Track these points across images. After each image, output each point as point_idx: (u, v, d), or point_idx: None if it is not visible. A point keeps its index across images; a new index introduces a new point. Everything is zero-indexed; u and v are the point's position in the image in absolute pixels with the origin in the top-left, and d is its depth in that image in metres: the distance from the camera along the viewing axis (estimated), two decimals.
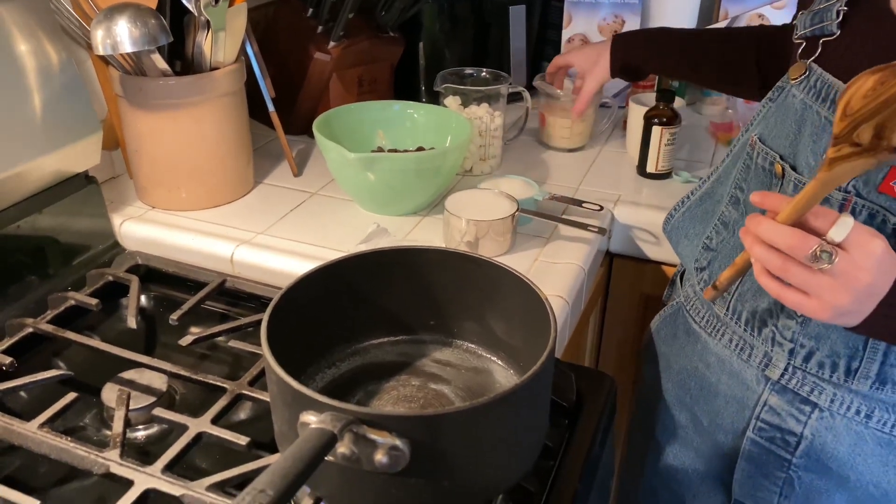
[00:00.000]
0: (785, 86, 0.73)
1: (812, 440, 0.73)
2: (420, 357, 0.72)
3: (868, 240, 0.56)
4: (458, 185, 1.08)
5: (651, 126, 1.09)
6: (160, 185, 0.99)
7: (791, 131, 0.71)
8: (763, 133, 0.75)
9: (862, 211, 0.65)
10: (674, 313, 0.87)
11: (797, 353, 0.72)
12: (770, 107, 0.75)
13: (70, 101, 0.88)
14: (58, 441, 0.64)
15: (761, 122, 0.76)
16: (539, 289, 0.64)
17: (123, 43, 0.84)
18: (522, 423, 0.57)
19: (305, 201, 1.04)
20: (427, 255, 0.71)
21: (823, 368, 0.70)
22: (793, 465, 0.75)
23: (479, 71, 1.15)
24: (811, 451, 0.74)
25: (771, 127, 0.74)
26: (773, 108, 0.74)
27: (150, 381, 0.73)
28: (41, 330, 0.78)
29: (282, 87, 1.15)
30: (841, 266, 0.55)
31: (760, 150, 0.74)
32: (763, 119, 0.75)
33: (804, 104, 0.69)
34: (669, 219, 0.88)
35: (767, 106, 0.75)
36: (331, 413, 0.50)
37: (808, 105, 0.69)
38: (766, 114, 0.75)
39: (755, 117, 0.77)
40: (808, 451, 0.74)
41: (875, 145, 0.53)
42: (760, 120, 0.76)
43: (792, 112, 0.71)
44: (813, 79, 0.69)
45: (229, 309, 0.88)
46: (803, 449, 0.74)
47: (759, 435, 0.77)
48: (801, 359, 0.71)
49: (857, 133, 0.53)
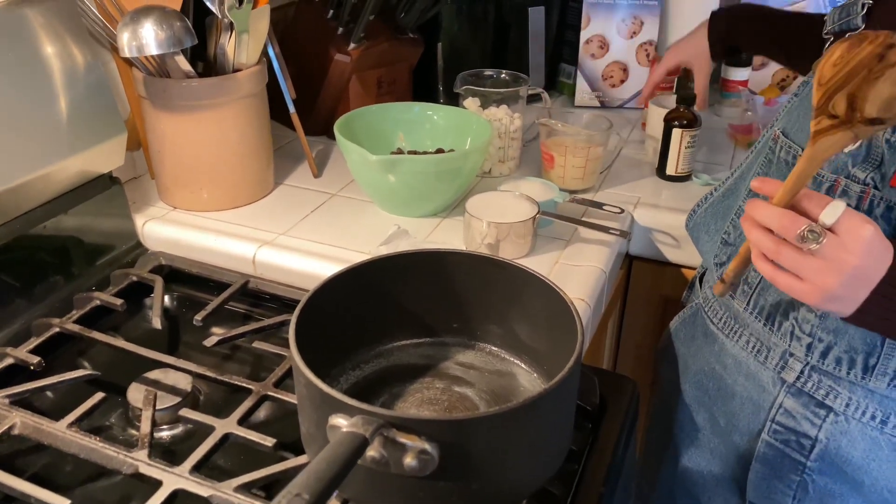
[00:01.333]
0: (810, 80, 0.72)
1: (827, 444, 0.73)
2: (443, 359, 0.73)
3: (858, 224, 0.57)
4: (477, 187, 1.08)
5: (671, 129, 1.08)
6: (182, 185, 0.99)
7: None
8: (786, 127, 0.75)
9: (880, 204, 0.65)
10: (692, 315, 0.87)
11: (815, 347, 0.71)
12: (794, 101, 0.75)
13: (95, 103, 0.88)
14: (87, 441, 0.65)
15: (785, 116, 0.76)
16: (564, 293, 0.65)
17: (149, 45, 0.84)
18: (549, 427, 0.57)
19: (326, 202, 1.04)
20: (451, 258, 0.71)
21: (840, 365, 0.70)
22: (807, 469, 0.75)
23: (498, 73, 1.15)
24: (826, 454, 0.74)
25: (794, 121, 0.74)
26: (798, 103, 0.74)
27: (174, 381, 0.74)
28: (67, 330, 0.79)
29: (301, 88, 1.15)
30: (829, 247, 0.56)
31: (783, 144, 0.74)
32: (787, 114, 0.76)
33: None
34: (692, 215, 0.89)
35: (792, 101, 0.76)
36: (361, 417, 0.50)
37: None
38: (791, 108, 0.76)
39: (780, 113, 0.78)
40: (822, 454, 0.74)
41: (850, 117, 0.54)
42: (785, 114, 0.76)
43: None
44: None
45: (252, 310, 0.89)
46: (818, 452, 0.74)
47: (773, 437, 0.76)
48: (818, 354, 0.71)
49: (832, 104, 0.54)
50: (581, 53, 1.37)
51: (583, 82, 1.39)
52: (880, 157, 0.65)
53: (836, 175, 0.68)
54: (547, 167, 1.08)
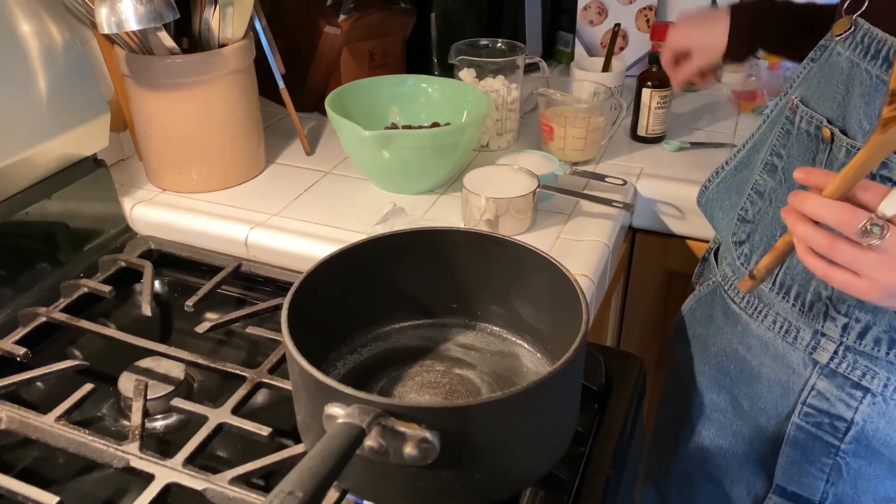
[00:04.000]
0: (829, 44, 0.68)
1: (863, 426, 0.70)
2: (443, 341, 0.70)
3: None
4: (474, 161, 1.05)
5: (642, 88, 1.06)
6: (170, 166, 0.96)
7: (838, 92, 0.66)
8: (805, 95, 0.70)
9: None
10: (710, 293, 0.83)
11: (851, 328, 0.67)
12: (812, 67, 0.70)
13: (76, 83, 0.85)
14: (76, 434, 0.62)
15: (802, 83, 0.71)
16: (567, 270, 0.62)
17: (129, 21, 0.81)
18: (555, 410, 0.55)
19: (319, 181, 1.01)
20: (450, 236, 0.68)
21: (880, 345, 0.66)
22: (841, 451, 0.72)
23: (494, 42, 1.11)
24: (861, 436, 0.70)
25: (814, 89, 0.69)
26: (816, 69, 0.69)
27: (167, 369, 0.72)
28: (55, 319, 0.77)
29: (291, 62, 1.11)
30: (892, 242, 0.52)
31: (804, 114, 0.69)
32: (805, 80, 0.71)
33: (851, 62, 0.65)
34: (703, 191, 0.84)
35: (809, 66, 0.70)
36: (358, 406, 0.48)
37: (856, 63, 0.64)
38: (808, 74, 0.70)
39: (795, 78, 0.73)
40: (858, 436, 0.71)
41: None
42: (801, 81, 0.71)
43: (838, 71, 0.66)
44: (860, 34, 0.64)
45: (245, 293, 0.86)
46: (853, 435, 0.71)
47: (805, 420, 0.73)
48: (855, 335, 0.67)
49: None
50: (579, 20, 1.33)
51: (581, 50, 1.35)
52: None
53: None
54: (546, 139, 1.04)
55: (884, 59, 0.62)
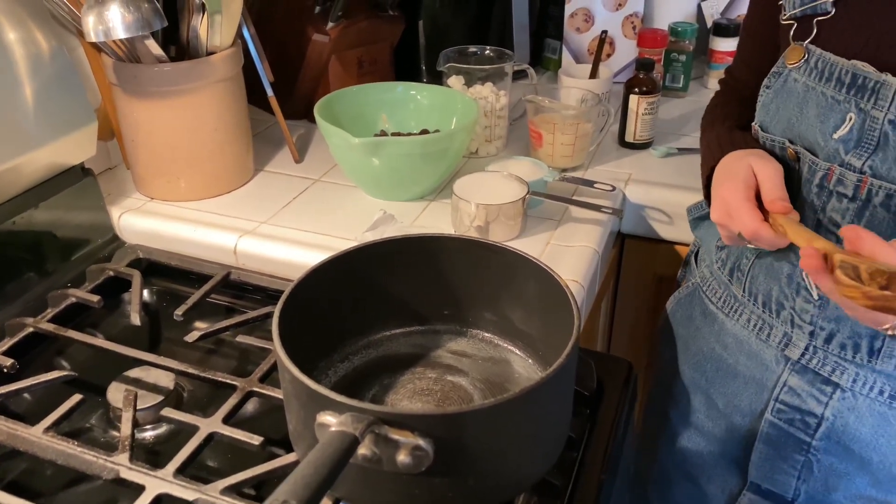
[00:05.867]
0: (782, 71, 0.70)
1: (833, 421, 0.72)
2: (435, 348, 0.70)
3: None
4: (464, 168, 1.06)
5: (629, 94, 1.06)
6: (158, 175, 0.96)
7: (793, 114, 0.69)
8: (764, 121, 0.72)
9: (878, 192, 0.63)
10: (689, 294, 0.85)
11: (817, 335, 0.70)
12: (768, 94, 0.72)
13: (63, 91, 0.84)
14: (64, 446, 0.62)
15: (760, 110, 0.73)
16: (558, 275, 0.62)
17: (116, 29, 0.80)
18: (548, 416, 0.55)
19: (308, 188, 1.01)
20: (440, 242, 0.68)
21: (846, 350, 0.69)
22: (812, 448, 0.74)
23: (482, 49, 1.12)
24: (832, 432, 0.72)
25: (772, 115, 0.71)
26: (772, 95, 0.71)
27: (156, 379, 0.71)
28: (42, 329, 0.76)
29: (280, 69, 1.11)
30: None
31: (765, 139, 0.72)
32: (762, 107, 0.73)
33: (806, 87, 0.67)
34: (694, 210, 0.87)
35: (765, 93, 0.72)
36: (350, 414, 0.48)
37: (811, 87, 0.67)
38: (765, 101, 0.72)
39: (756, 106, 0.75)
40: (828, 432, 0.72)
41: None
42: (760, 108, 0.73)
43: (794, 96, 0.69)
44: (813, 60, 0.66)
45: (235, 302, 0.86)
46: (824, 431, 0.72)
47: (777, 417, 0.75)
48: (821, 340, 0.70)
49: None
50: (566, 27, 1.34)
51: (568, 57, 1.35)
52: (876, 140, 0.62)
53: (830, 163, 0.65)
54: (535, 145, 1.05)
55: (837, 80, 0.64)
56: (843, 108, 0.64)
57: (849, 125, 0.63)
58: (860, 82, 0.63)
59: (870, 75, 0.62)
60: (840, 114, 0.64)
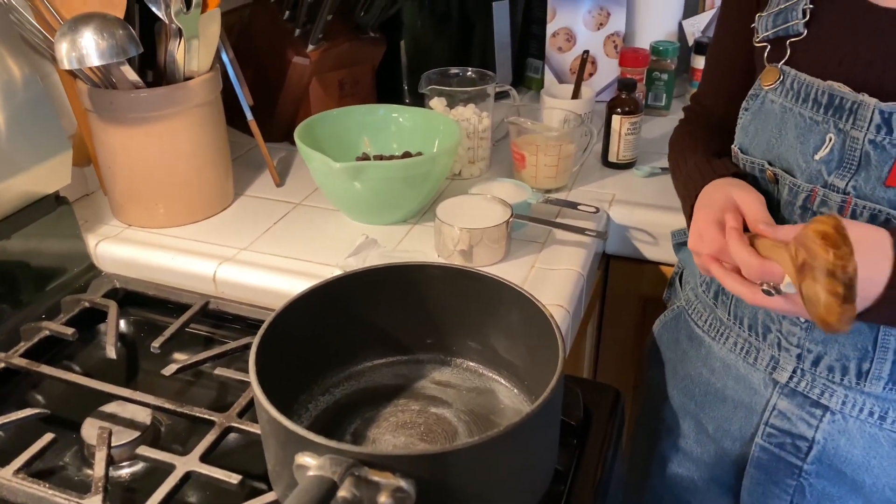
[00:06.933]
0: (759, 93, 0.70)
1: (824, 444, 0.71)
2: (419, 378, 0.69)
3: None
4: (447, 190, 1.05)
5: (612, 115, 1.06)
6: (136, 201, 0.94)
7: (772, 136, 0.69)
8: (743, 143, 0.72)
9: (863, 213, 0.62)
10: (675, 317, 0.85)
11: (805, 357, 0.70)
12: (746, 116, 0.72)
13: (36, 119, 0.83)
14: (35, 488, 0.60)
15: (740, 132, 0.73)
16: (542, 305, 0.61)
17: (90, 56, 0.79)
18: (533, 452, 0.54)
19: (289, 213, 0.99)
20: (423, 271, 0.67)
21: (833, 372, 0.68)
22: (804, 472, 0.73)
23: (464, 70, 1.11)
24: (823, 456, 0.71)
25: (751, 136, 0.71)
26: (750, 117, 0.71)
27: (133, 414, 0.69)
28: (14, 364, 0.74)
29: (260, 92, 1.10)
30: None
31: (745, 161, 0.71)
32: (741, 129, 0.73)
33: (784, 108, 0.67)
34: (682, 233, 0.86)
35: (744, 116, 0.72)
36: (329, 457, 0.46)
37: (789, 108, 0.67)
38: (744, 123, 0.72)
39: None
40: (820, 456, 0.72)
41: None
42: (739, 131, 0.73)
43: (772, 118, 0.69)
44: (789, 81, 0.66)
45: (214, 332, 0.84)
46: (815, 454, 0.72)
47: (768, 441, 0.74)
48: (809, 363, 0.69)
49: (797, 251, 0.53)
50: (548, 47, 1.34)
51: (551, 76, 1.35)
52: (858, 160, 0.62)
53: (812, 185, 0.65)
54: (518, 167, 1.04)
55: (814, 100, 0.64)
56: (822, 129, 0.64)
57: (829, 146, 0.63)
58: (837, 103, 0.62)
59: (846, 95, 0.62)
60: (819, 135, 0.64)
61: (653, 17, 1.32)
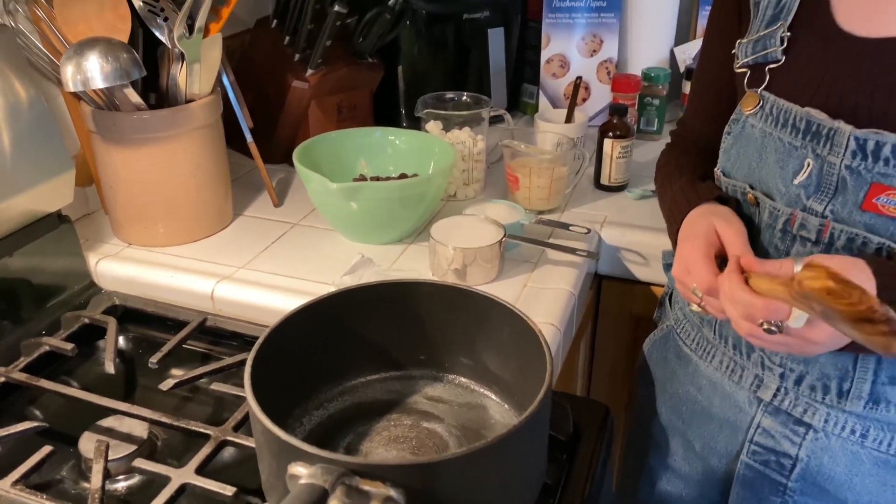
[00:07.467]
0: (740, 117, 0.72)
1: (807, 462, 0.72)
2: (411, 394, 0.70)
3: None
4: (442, 211, 1.07)
5: (604, 139, 1.09)
6: (136, 221, 0.96)
7: (753, 160, 0.70)
8: (726, 167, 0.74)
9: (840, 236, 0.64)
10: (664, 336, 0.86)
11: (788, 376, 0.71)
12: (728, 139, 0.74)
13: (40, 140, 0.85)
14: (33, 500, 0.61)
15: (722, 156, 0.75)
16: (532, 322, 0.63)
17: (94, 79, 0.81)
18: (521, 464, 0.55)
19: (287, 232, 1.01)
20: (416, 288, 0.69)
21: (815, 391, 0.69)
22: (788, 489, 0.74)
23: (459, 95, 1.14)
24: (807, 473, 0.72)
25: (733, 160, 0.73)
26: (732, 141, 0.73)
27: (130, 428, 0.70)
28: (14, 379, 0.75)
29: (260, 115, 1.13)
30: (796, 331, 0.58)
31: (727, 184, 0.73)
32: (724, 153, 0.75)
33: (763, 133, 0.69)
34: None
35: (726, 139, 0.74)
36: (321, 466, 0.47)
37: (768, 133, 0.68)
38: (726, 147, 0.74)
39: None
40: (803, 473, 0.73)
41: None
42: (721, 154, 0.75)
43: (752, 142, 0.70)
44: (768, 107, 0.68)
45: (211, 348, 0.85)
46: (799, 472, 0.73)
47: (753, 458, 0.75)
48: (792, 382, 0.71)
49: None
50: (542, 73, 1.37)
51: (545, 101, 1.38)
52: (835, 185, 0.64)
53: (792, 208, 0.67)
54: (512, 188, 1.06)
55: (792, 126, 0.66)
56: (801, 154, 0.65)
57: (807, 171, 0.65)
58: (814, 129, 0.64)
59: (823, 122, 0.63)
60: (798, 159, 0.65)
61: (645, 45, 1.35)
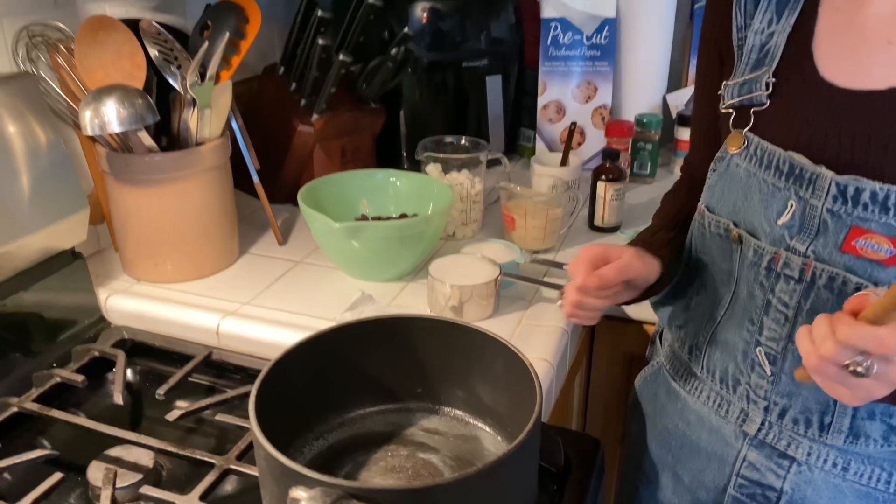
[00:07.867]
0: (725, 156, 0.74)
1: (792, 495, 0.74)
2: (408, 426, 0.73)
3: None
4: (441, 250, 1.10)
5: (597, 182, 1.13)
6: (146, 258, 1.00)
7: (738, 199, 0.73)
8: (710, 202, 0.76)
9: (822, 275, 0.66)
10: (654, 373, 0.88)
11: (772, 410, 0.73)
12: (713, 176, 0.76)
13: (58, 180, 0.89)
14: None
15: (707, 191, 0.77)
16: (524, 355, 0.66)
17: (111, 123, 0.86)
18: (512, 492, 0.57)
19: (290, 270, 1.05)
20: (413, 323, 0.72)
21: (798, 424, 0.72)
22: None
23: (458, 139, 1.18)
24: None
25: (718, 196, 0.75)
26: (717, 178, 0.75)
27: (136, 457, 0.73)
28: (26, 409, 0.78)
29: (267, 156, 1.17)
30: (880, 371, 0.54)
31: (711, 220, 0.76)
32: (709, 189, 0.77)
33: (748, 172, 0.71)
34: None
35: (711, 176, 0.76)
36: (320, 489, 0.50)
37: (753, 173, 0.70)
38: (711, 183, 0.76)
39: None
40: None
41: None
42: (706, 190, 0.77)
43: (737, 180, 0.72)
44: (752, 148, 0.70)
45: (216, 381, 0.88)
46: None
47: (739, 491, 0.77)
48: (776, 415, 0.73)
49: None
50: (539, 118, 1.42)
51: (541, 145, 1.43)
52: (817, 226, 0.66)
53: (776, 248, 0.69)
54: (509, 229, 1.10)
55: (776, 168, 0.68)
56: (784, 196, 0.68)
57: (790, 212, 0.67)
58: (797, 172, 0.66)
59: (805, 166, 0.66)
60: (782, 200, 0.68)
61: (638, 92, 1.41)
